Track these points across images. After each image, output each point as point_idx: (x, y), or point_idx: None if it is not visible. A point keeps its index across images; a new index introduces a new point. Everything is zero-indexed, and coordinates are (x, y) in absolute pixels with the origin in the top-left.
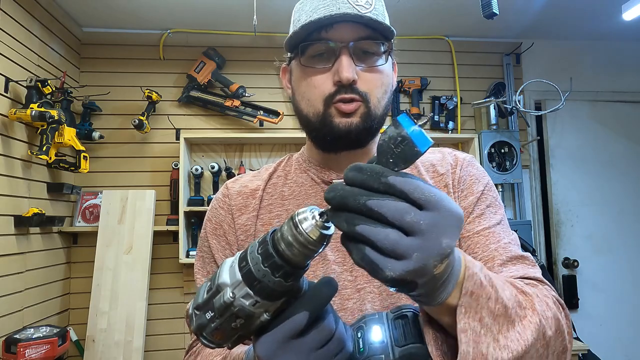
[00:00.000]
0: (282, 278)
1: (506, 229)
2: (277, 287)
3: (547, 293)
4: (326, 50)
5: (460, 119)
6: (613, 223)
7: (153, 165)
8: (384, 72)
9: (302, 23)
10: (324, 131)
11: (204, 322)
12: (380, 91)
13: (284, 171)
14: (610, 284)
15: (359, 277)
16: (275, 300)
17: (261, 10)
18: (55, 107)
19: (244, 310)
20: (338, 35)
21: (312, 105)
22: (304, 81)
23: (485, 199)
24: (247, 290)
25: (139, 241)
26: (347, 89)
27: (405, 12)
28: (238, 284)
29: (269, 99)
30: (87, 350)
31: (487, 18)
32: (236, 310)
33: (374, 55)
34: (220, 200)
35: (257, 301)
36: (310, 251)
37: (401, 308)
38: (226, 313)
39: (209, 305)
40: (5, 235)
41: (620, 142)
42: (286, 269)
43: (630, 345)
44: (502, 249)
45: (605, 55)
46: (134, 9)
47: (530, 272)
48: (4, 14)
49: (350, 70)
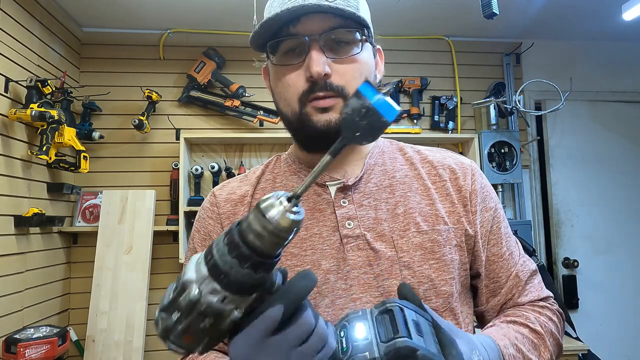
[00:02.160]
0: (251, 269)
1: (514, 242)
2: (247, 280)
3: (551, 316)
4: (296, 45)
5: (460, 119)
6: (613, 223)
7: (153, 165)
8: (361, 60)
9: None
10: (305, 130)
11: (170, 324)
12: (360, 81)
13: (272, 174)
14: (610, 284)
15: (354, 287)
16: (246, 294)
17: (261, 11)
18: (55, 107)
19: (212, 307)
20: (306, 28)
21: (289, 105)
22: (279, 80)
23: (498, 216)
24: (214, 285)
25: (139, 241)
26: (321, 86)
27: (405, 12)
28: (204, 279)
29: (269, 99)
30: (87, 350)
31: (487, 18)
32: (204, 308)
33: (348, 44)
34: (208, 210)
35: (225, 296)
36: (281, 239)
37: (385, 303)
38: (193, 312)
39: (175, 305)
40: (5, 235)
41: (620, 142)
42: (254, 259)
43: (630, 345)
44: (521, 272)
45: (605, 55)
46: (134, 9)
47: (541, 292)
48: (4, 14)
49: (320, 64)
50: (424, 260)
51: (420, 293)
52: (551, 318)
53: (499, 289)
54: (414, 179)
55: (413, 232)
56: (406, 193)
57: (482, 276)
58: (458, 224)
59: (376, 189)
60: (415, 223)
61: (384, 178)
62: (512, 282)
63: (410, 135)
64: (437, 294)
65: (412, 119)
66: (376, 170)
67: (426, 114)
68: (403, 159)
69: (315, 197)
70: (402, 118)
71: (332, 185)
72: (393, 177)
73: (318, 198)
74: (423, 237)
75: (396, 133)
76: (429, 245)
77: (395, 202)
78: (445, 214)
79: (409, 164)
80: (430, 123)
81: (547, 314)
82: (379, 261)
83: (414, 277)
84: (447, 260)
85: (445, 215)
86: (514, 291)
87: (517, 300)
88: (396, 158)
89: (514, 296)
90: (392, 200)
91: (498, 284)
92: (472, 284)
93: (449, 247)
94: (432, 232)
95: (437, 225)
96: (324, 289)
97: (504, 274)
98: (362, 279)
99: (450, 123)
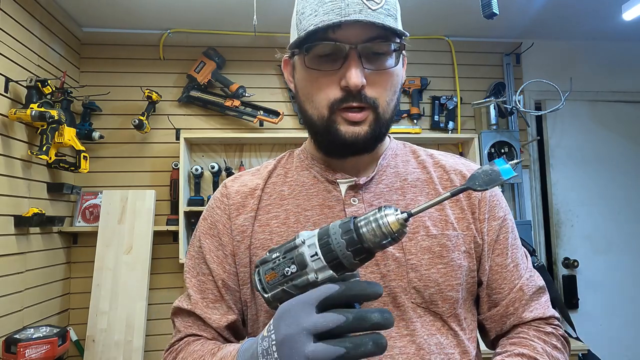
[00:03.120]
0: (353, 253)
1: (523, 254)
2: (343, 259)
3: (557, 344)
4: (333, 51)
5: (460, 119)
6: (613, 223)
7: (153, 165)
8: (394, 73)
9: (307, 22)
10: (329, 138)
11: (267, 258)
12: (390, 93)
13: (284, 169)
14: (610, 284)
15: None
16: (331, 269)
17: (261, 10)
18: (55, 107)
19: (302, 257)
20: (346, 36)
21: (316, 108)
22: (309, 82)
23: (506, 226)
24: (316, 248)
25: (139, 241)
26: (355, 96)
27: (405, 12)
28: (312, 243)
29: (269, 99)
30: (87, 350)
31: (487, 18)
32: (296, 255)
33: (384, 55)
34: (217, 200)
35: (317, 258)
36: (386, 239)
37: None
38: (288, 255)
39: (279, 248)
40: (5, 235)
41: (620, 142)
42: (360, 248)
43: (630, 345)
44: (525, 286)
45: (605, 55)
46: (134, 9)
47: (546, 311)
48: (4, 14)
49: (359, 77)
50: (432, 264)
51: (426, 296)
52: (556, 346)
53: (501, 300)
54: (425, 182)
55: (422, 235)
56: (417, 196)
57: (484, 285)
58: (467, 230)
59: (387, 190)
60: (425, 227)
61: (396, 180)
62: (514, 294)
63: (410, 135)
64: (444, 299)
65: (412, 119)
66: (388, 171)
67: (426, 114)
68: (416, 162)
69: (326, 193)
70: (402, 118)
71: (343, 183)
72: (405, 180)
73: (328, 195)
74: (432, 241)
75: (396, 133)
76: (437, 249)
77: (405, 205)
78: (455, 220)
79: (421, 167)
80: (430, 123)
81: (553, 342)
82: (386, 262)
83: (421, 280)
84: (455, 265)
85: (454, 221)
86: (517, 304)
87: (521, 315)
88: (409, 161)
89: (517, 310)
90: (403, 202)
91: (500, 295)
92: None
93: (457, 253)
94: (441, 237)
95: (446, 230)
96: None
97: (506, 286)
98: (368, 278)
99: (450, 123)
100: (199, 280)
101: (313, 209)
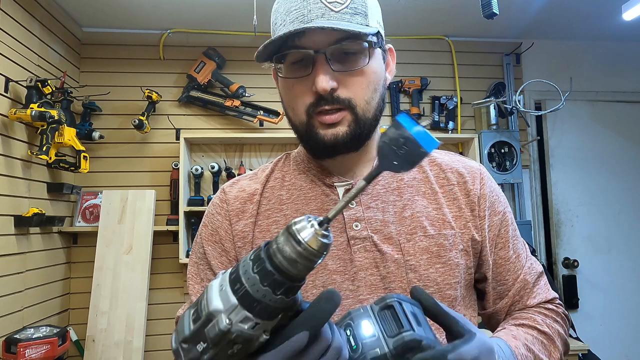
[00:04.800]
0: (283, 295)
1: (522, 244)
2: (280, 305)
3: (557, 317)
4: (303, 57)
5: (460, 119)
6: (613, 223)
7: (153, 165)
8: (369, 71)
9: (277, 33)
10: (311, 142)
11: (195, 355)
12: (368, 92)
13: (282, 172)
14: (610, 284)
15: (361, 287)
16: (275, 318)
17: (261, 10)
18: (55, 107)
19: (242, 335)
20: (313, 41)
21: (296, 114)
22: (287, 89)
23: (507, 220)
24: (245, 313)
25: (139, 241)
26: (328, 99)
27: (405, 12)
28: (234, 309)
29: (269, 99)
30: (87, 350)
31: (487, 18)
32: (234, 337)
33: (356, 54)
34: (217, 206)
35: (257, 323)
36: (312, 263)
37: (384, 299)
38: (222, 341)
39: (200, 336)
40: (5, 235)
41: (620, 142)
42: (287, 285)
43: (630, 345)
44: (528, 275)
45: (605, 55)
46: (134, 9)
47: (548, 294)
48: (4, 14)
49: (325, 80)
50: (430, 264)
51: None
52: (556, 320)
53: (507, 292)
54: (421, 182)
55: (420, 235)
56: (414, 196)
57: (489, 279)
58: (465, 228)
59: (384, 191)
60: (422, 227)
61: (392, 180)
62: (519, 284)
63: None
64: (443, 298)
65: None
66: (384, 172)
67: (426, 114)
68: None
69: (324, 197)
70: None
71: (340, 186)
72: (401, 180)
73: (326, 198)
74: (429, 241)
75: None
76: (435, 249)
77: (402, 205)
78: (452, 218)
79: (417, 166)
80: (430, 123)
81: (553, 315)
82: (386, 263)
83: (420, 280)
84: (453, 264)
85: (451, 220)
86: (522, 293)
87: (526, 303)
88: None
89: (522, 299)
90: (400, 203)
91: (505, 286)
92: (479, 288)
93: (455, 252)
94: (439, 237)
95: (443, 229)
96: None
97: (510, 277)
98: (369, 281)
99: (450, 123)
100: (204, 287)
101: (312, 213)
